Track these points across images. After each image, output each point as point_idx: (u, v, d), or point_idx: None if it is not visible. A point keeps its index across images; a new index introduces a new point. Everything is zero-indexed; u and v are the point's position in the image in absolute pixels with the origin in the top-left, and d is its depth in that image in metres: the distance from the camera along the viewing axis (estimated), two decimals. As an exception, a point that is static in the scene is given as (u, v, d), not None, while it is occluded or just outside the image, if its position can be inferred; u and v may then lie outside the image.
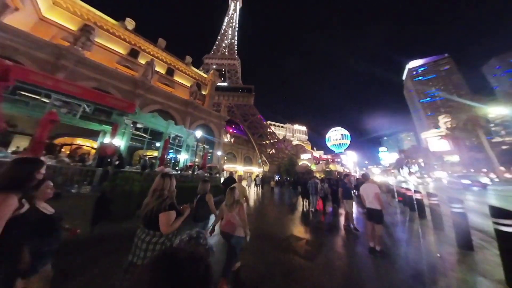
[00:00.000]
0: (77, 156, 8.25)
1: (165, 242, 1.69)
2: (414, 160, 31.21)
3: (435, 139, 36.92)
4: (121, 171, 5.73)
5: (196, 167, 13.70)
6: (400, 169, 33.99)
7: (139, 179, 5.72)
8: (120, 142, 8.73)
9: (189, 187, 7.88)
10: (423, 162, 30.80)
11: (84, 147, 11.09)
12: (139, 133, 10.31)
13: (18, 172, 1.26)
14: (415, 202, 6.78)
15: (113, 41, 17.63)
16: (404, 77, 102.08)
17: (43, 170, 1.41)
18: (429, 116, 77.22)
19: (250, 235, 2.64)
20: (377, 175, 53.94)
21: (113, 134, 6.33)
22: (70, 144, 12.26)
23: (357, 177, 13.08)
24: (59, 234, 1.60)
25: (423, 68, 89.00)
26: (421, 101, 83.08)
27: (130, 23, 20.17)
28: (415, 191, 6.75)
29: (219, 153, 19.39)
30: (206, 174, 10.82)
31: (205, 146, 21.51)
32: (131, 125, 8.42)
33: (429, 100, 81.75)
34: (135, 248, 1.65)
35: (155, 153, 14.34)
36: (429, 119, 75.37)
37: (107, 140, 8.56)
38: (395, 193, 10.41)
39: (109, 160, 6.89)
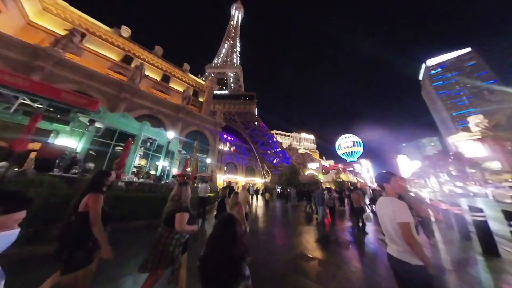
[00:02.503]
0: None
1: (178, 237, 2.10)
2: (443, 168, 27.15)
3: (466, 143, 32.54)
4: (27, 174, 4.42)
5: (171, 175, 12.27)
6: (426, 179, 29.84)
7: (55, 185, 4.34)
8: (75, 144, 7.64)
9: (149, 198, 6.38)
10: (454, 170, 26.40)
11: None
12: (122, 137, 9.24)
13: (100, 179, 2.04)
14: (472, 228, 4.40)
15: (105, 47, 17.91)
16: (420, 77, 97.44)
17: (111, 178, 2.18)
18: (456, 117, 70.82)
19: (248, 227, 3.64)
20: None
21: (28, 130, 5.14)
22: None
23: (373, 188, 11.20)
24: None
25: (443, 66, 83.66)
26: (446, 102, 76.85)
27: (125, 31, 20.79)
28: (472, 208, 4.31)
29: (208, 160, 18.00)
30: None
31: (198, 155, 20.33)
32: (87, 123, 7.33)
33: (455, 100, 75.39)
34: (154, 241, 2.08)
35: (142, 161, 13.29)
36: (456, 121, 69.19)
37: (60, 141, 7.54)
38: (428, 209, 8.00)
39: (50, 163, 5.79)
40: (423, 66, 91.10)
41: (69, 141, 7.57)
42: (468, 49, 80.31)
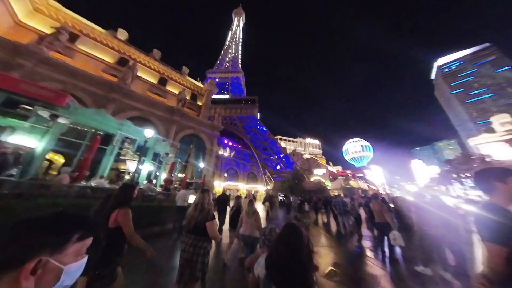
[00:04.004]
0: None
1: (206, 246, 2.18)
2: (467, 173, 24.13)
3: (491, 145, 29.46)
4: None
5: (159, 181, 11.11)
6: (449, 185, 26.83)
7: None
8: (35, 143, 6.62)
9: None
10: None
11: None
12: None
13: (128, 193, 2.05)
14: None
15: (100, 49, 17.70)
16: (433, 77, 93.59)
17: (136, 191, 2.20)
18: (476, 118, 65.92)
19: None
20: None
21: None
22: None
23: (394, 196, 9.96)
24: None
25: (458, 63, 78.97)
26: (464, 102, 71.90)
27: (122, 34, 20.77)
28: None
29: (202, 165, 16.76)
30: (158, 189, 8.09)
31: (190, 160, 19.21)
32: (48, 118, 6.35)
33: (474, 99, 70.22)
34: (183, 252, 2.16)
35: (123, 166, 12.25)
36: (476, 121, 64.49)
37: (15, 139, 6.54)
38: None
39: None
40: (435, 65, 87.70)
41: (27, 139, 6.55)
42: (487, 44, 75.70)
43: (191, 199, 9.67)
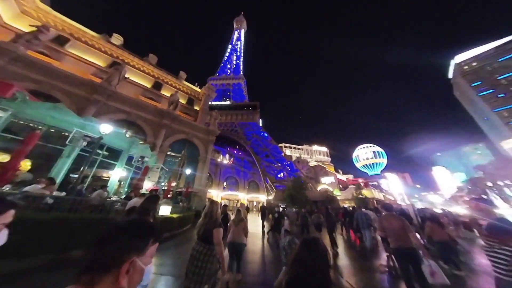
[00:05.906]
0: None
1: (214, 254, 2.29)
2: (508, 181, 20.66)
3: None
4: None
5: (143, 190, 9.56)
6: (483, 195, 23.38)
7: None
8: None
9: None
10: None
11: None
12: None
13: (153, 204, 2.39)
14: None
15: (91, 53, 17.61)
16: (451, 76, 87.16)
17: (159, 202, 2.74)
18: (509, 117, 58.38)
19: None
20: (440, 206, 39.94)
21: None
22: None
23: (420, 208, 8.06)
24: None
25: (479, 59, 71.72)
26: (491, 101, 64.67)
27: (117, 39, 20.95)
28: None
29: (188, 171, 15.35)
30: (114, 198, 6.68)
31: (181, 167, 17.89)
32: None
33: (502, 95, 62.79)
34: (191, 258, 2.30)
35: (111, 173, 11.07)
36: (509, 121, 57.27)
37: None
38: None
39: None
40: (452, 62, 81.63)
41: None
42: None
43: (163, 210, 8.18)
